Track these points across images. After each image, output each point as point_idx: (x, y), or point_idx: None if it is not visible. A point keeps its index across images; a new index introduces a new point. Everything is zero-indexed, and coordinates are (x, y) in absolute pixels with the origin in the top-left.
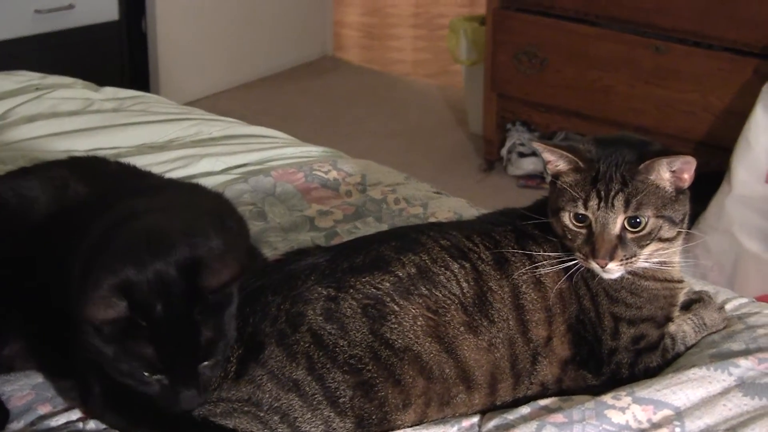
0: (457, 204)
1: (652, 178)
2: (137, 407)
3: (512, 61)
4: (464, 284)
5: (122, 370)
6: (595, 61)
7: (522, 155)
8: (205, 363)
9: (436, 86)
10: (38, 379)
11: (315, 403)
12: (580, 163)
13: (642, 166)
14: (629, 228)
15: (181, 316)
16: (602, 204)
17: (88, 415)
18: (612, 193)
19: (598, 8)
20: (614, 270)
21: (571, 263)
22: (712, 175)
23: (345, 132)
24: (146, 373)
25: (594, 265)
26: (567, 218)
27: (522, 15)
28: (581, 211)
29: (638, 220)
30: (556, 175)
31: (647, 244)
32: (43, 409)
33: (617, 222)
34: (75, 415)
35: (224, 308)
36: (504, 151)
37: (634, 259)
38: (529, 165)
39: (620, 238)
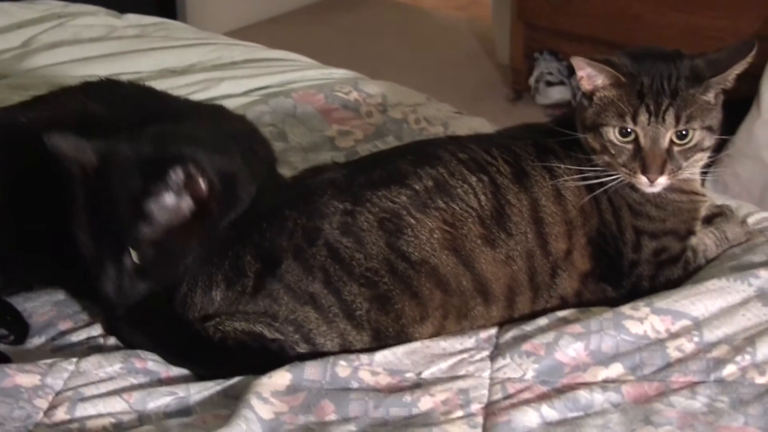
0: (478, 123)
1: (703, 92)
2: (157, 327)
3: None
4: (482, 197)
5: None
6: None
7: (550, 84)
8: (133, 254)
9: (464, 18)
10: (59, 296)
11: (331, 315)
12: (622, 78)
13: (702, 86)
14: (677, 141)
15: (128, 200)
16: (652, 118)
17: (109, 331)
18: (663, 108)
19: None
20: (662, 184)
21: (606, 179)
22: (740, 101)
23: (372, 65)
24: (81, 238)
25: (642, 180)
26: (612, 134)
27: None
28: (630, 126)
29: (686, 133)
30: (592, 92)
31: (692, 156)
32: (64, 325)
33: (667, 136)
34: (96, 331)
35: (188, 218)
36: (532, 81)
37: (679, 171)
38: (556, 94)
39: (668, 152)
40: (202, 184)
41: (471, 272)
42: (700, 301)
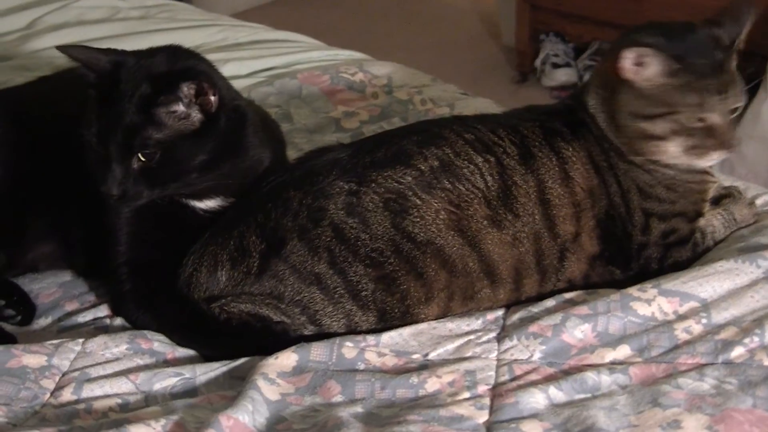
0: (484, 104)
1: (733, 61)
2: (164, 306)
3: None
4: (488, 178)
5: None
6: None
7: (556, 66)
8: (140, 157)
9: (469, 0)
10: (66, 277)
11: (337, 296)
12: (677, 65)
13: (732, 55)
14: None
15: (139, 104)
16: (721, 97)
17: (116, 313)
18: (724, 84)
19: None
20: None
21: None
22: (748, 81)
23: (376, 46)
24: (90, 141)
25: (715, 156)
26: (686, 119)
27: None
28: (707, 111)
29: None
30: (636, 80)
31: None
32: (70, 306)
33: (730, 110)
34: (102, 312)
35: (196, 129)
36: (538, 63)
37: None
38: (562, 76)
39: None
40: (212, 97)
41: (477, 253)
42: (708, 282)
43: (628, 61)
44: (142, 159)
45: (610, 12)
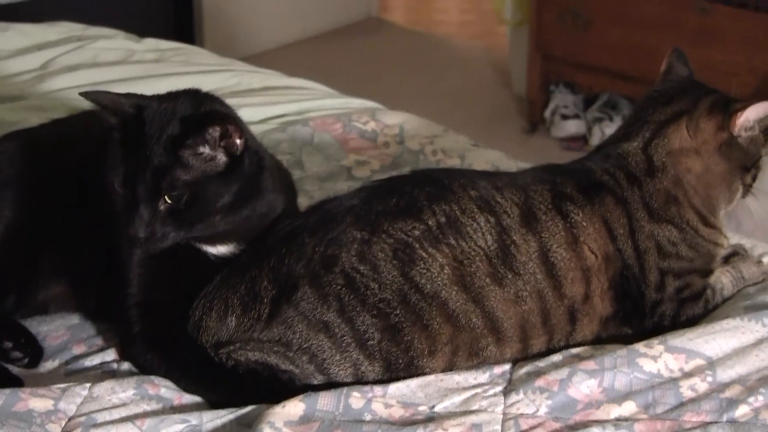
0: (495, 156)
1: None
2: (173, 350)
3: (557, 22)
4: (488, 237)
5: (109, 180)
6: (640, 22)
7: (565, 117)
8: (167, 199)
9: (480, 48)
10: (74, 320)
11: (344, 345)
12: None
13: None
14: None
15: (167, 146)
16: None
17: (123, 356)
18: None
19: None
20: None
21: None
22: None
23: (387, 93)
24: (116, 184)
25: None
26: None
27: None
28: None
29: None
30: (738, 135)
31: None
32: (78, 349)
33: None
34: (110, 356)
35: (221, 171)
36: (547, 113)
37: None
38: (572, 127)
39: None
40: (237, 140)
41: (481, 309)
42: (714, 340)
43: (742, 118)
44: (169, 201)
45: (621, 63)
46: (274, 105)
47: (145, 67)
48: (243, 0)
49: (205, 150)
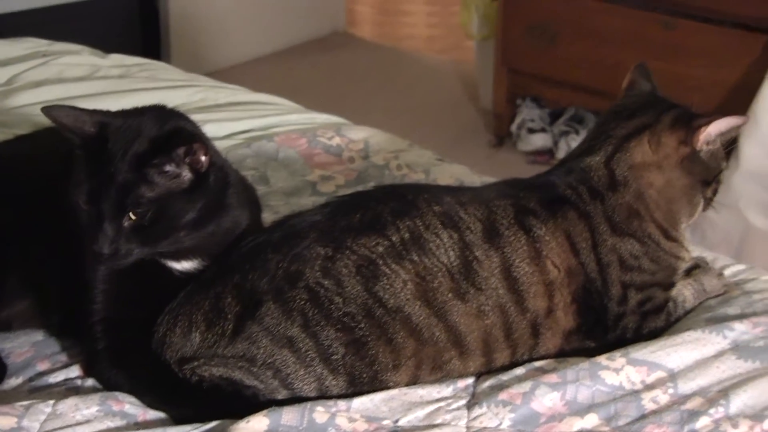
0: (459, 171)
1: None
2: (138, 366)
3: (523, 36)
4: (450, 253)
5: (73, 197)
6: (606, 37)
7: (531, 131)
8: (131, 216)
9: (447, 62)
10: (38, 336)
11: (308, 359)
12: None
13: None
14: None
15: (132, 164)
16: None
17: (87, 373)
18: None
19: None
20: None
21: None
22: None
23: (355, 107)
24: (80, 201)
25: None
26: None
27: None
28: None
29: None
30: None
31: None
32: (42, 366)
33: None
34: (74, 372)
35: (186, 188)
36: (514, 127)
37: None
38: (538, 141)
39: None
40: (203, 157)
41: (444, 323)
42: (676, 352)
43: (724, 128)
44: (134, 217)
45: (587, 78)
46: (239, 120)
47: (110, 83)
48: (209, 15)
49: (171, 168)
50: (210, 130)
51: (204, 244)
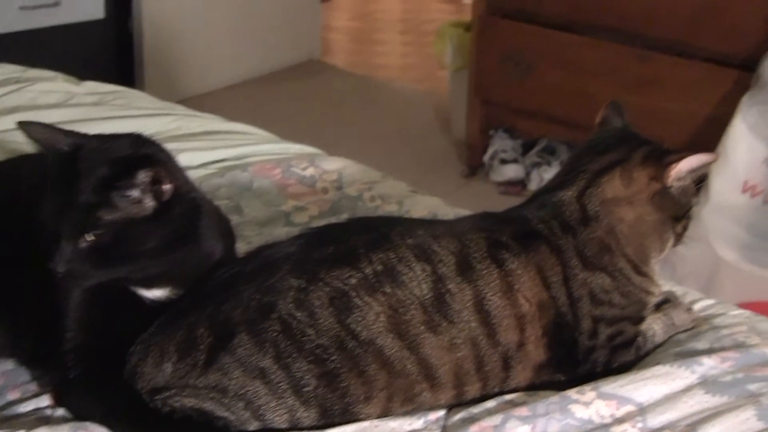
0: (433, 203)
1: None
2: (110, 396)
3: (497, 68)
4: (423, 285)
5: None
6: (580, 69)
7: (504, 162)
8: (89, 237)
9: (421, 91)
10: (8, 365)
11: (280, 391)
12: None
13: None
14: None
15: (95, 186)
16: None
17: (58, 402)
18: None
19: (584, 16)
20: None
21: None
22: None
23: (329, 135)
24: (44, 219)
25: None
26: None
27: (508, 21)
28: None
29: None
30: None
31: None
32: (12, 395)
33: None
34: (44, 402)
35: (148, 215)
36: (487, 157)
37: None
38: (510, 172)
39: None
40: (165, 186)
41: (416, 356)
42: (645, 386)
43: (697, 164)
44: (91, 239)
45: (561, 109)
46: (213, 150)
47: (84, 110)
48: (184, 42)
49: (133, 193)
50: (184, 159)
51: (173, 273)
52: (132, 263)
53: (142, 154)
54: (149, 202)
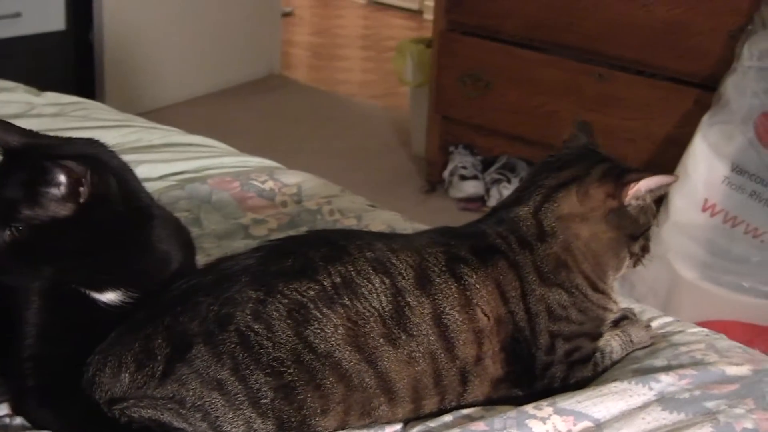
0: (391, 217)
1: None
2: (67, 406)
3: (457, 84)
4: (383, 298)
5: None
6: (539, 87)
7: (463, 178)
8: (9, 231)
9: (381, 107)
10: None
11: (237, 403)
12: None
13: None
14: None
15: (20, 180)
16: None
17: (16, 411)
18: None
19: (544, 34)
20: None
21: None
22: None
23: (288, 150)
24: None
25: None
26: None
27: (468, 38)
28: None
29: None
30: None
31: None
32: None
33: None
34: (2, 410)
35: (68, 216)
36: (446, 173)
37: None
38: (470, 188)
39: None
40: (82, 188)
41: (374, 369)
42: (602, 402)
43: (656, 186)
44: (11, 233)
45: (520, 127)
46: (173, 162)
47: (44, 121)
48: (145, 55)
49: (53, 191)
50: (144, 171)
51: (122, 277)
52: (54, 263)
53: (76, 155)
54: (69, 204)
